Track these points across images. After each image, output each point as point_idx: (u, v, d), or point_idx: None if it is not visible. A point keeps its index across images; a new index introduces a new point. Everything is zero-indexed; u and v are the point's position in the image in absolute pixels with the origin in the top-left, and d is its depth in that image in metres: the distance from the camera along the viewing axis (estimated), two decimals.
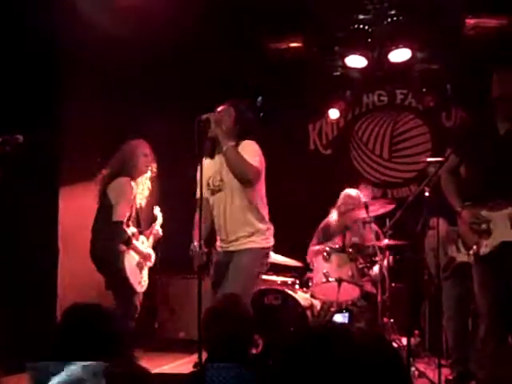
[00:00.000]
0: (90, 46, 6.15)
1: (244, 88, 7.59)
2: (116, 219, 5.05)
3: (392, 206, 6.28)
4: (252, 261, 4.59)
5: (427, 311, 6.10)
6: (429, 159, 6.07)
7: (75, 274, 5.92)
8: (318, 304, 5.99)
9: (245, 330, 3.23)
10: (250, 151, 4.56)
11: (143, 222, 5.72)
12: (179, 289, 6.78)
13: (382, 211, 6.26)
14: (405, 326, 5.97)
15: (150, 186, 5.45)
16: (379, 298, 5.69)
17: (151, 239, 5.51)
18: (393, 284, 6.09)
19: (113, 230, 5.07)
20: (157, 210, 5.71)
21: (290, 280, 6.27)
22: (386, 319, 5.75)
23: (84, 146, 6.34)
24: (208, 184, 4.69)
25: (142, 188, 5.36)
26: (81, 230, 5.54)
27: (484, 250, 4.32)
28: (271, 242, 4.73)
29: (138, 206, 5.39)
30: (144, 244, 5.40)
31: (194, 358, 4.73)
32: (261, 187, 4.73)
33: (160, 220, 5.66)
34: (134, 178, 5.21)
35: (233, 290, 4.20)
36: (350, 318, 5.61)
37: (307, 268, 6.31)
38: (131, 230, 5.23)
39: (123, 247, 5.09)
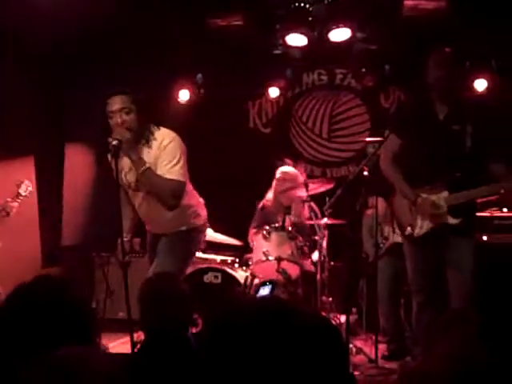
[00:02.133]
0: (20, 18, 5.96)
1: (183, 65, 7.52)
2: None
3: (331, 185, 6.33)
4: (178, 242, 4.55)
5: (364, 289, 6.20)
6: (367, 139, 6.13)
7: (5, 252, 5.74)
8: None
9: (183, 309, 3.21)
10: (170, 152, 4.28)
11: None
12: (118, 268, 6.68)
13: (321, 190, 6.30)
14: (343, 304, 6.07)
15: None
16: (318, 276, 5.74)
17: None
18: (332, 263, 6.15)
19: None
20: (23, 183, 5.13)
21: (229, 259, 6.27)
22: (324, 297, 5.81)
23: (18, 119, 6.15)
24: (124, 179, 4.46)
25: None
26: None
27: (419, 232, 4.40)
28: (199, 221, 4.67)
29: None
30: None
31: (135, 337, 4.70)
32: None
33: (23, 191, 5.09)
34: None
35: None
36: (272, 290, 5.64)
37: (247, 247, 6.31)
38: None
39: None
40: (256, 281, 5.75)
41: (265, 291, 5.56)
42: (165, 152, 4.28)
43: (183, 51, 7.24)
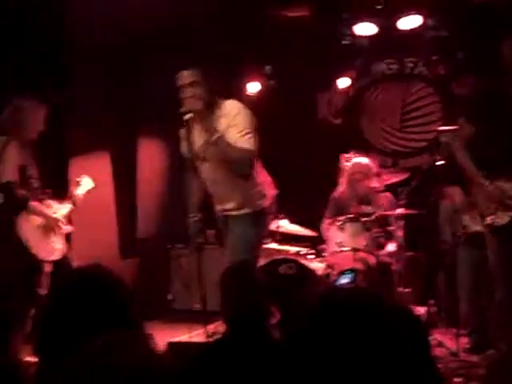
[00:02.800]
0: (100, 15, 6.07)
1: (252, 57, 7.52)
2: (5, 179, 4.63)
3: (404, 176, 6.27)
4: (247, 227, 4.57)
5: (443, 281, 6.08)
6: (440, 128, 6.01)
7: (84, 245, 5.85)
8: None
9: (263, 299, 3.19)
10: (240, 122, 4.38)
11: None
12: (193, 260, 6.73)
13: (394, 180, 6.23)
14: (420, 296, 5.98)
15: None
16: (394, 267, 5.67)
17: (68, 206, 5.08)
18: (408, 253, 6.06)
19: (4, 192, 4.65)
20: (83, 179, 5.26)
21: (304, 250, 6.25)
22: (401, 289, 5.73)
23: (94, 116, 6.26)
24: (196, 152, 4.58)
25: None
26: (91, 199, 5.44)
27: (501, 221, 4.29)
28: (265, 202, 4.66)
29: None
30: (55, 209, 4.98)
31: (209, 328, 4.74)
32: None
33: (85, 187, 5.20)
34: (20, 139, 4.79)
35: (235, 259, 4.19)
36: (353, 279, 5.58)
37: (321, 237, 6.28)
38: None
39: (18, 210, 4.69)
40: (336, 270, 5.72)
41: (345, 280, 5.52)
42: (234, 122, 4.37)
43: (252, 43, 7.25)
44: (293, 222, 6.36)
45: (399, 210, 5.80)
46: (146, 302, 5.14)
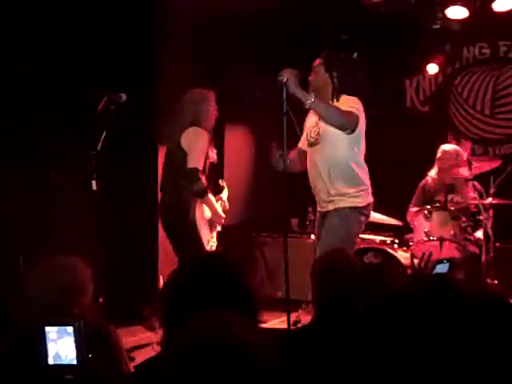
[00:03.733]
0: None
1: (339, 43, 7.44)
2: (192, 166, 4.74)
3: (495, 164, 6.07)
4: (345, 221, 4.54)
5: None
6: None
7: None
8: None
9: (358, 285, 3.11)
10: (346, 102, 4.52)
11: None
12: (276, 248, 6.75)
13: (485, 169, 6.05)
14: (509, 288, 5.79)
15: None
16: (483, 258, 5.52)
17: (219, 206, 5.18)
18: (497, 244, 5.89)
19: (188, 178, 4.77)
20: (223, 183, 5.42)
21: (388, 239, 6.17)
22: (489, 280, 5.58)
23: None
24: (307, 136, 4.71)
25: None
26: None
27: None
28: (366, 200, 4.64)
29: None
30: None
31: (293, 316, 4.74)
32: (358, 148, 4.69)
33: (226, 192, 5.37)
34: (206, 129, 4.94)
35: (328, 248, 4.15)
36: (450, 268, 5.45)
37: (406, 227, 6.18)
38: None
39: (196, 198, 4.82)
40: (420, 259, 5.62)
41: (442, 269, 5.40)
42: (342, 102, 4.56)
43: (338, 28, 7.19)
44: (377, 210, 6.29)
45: (489, 200, 5.64)
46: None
